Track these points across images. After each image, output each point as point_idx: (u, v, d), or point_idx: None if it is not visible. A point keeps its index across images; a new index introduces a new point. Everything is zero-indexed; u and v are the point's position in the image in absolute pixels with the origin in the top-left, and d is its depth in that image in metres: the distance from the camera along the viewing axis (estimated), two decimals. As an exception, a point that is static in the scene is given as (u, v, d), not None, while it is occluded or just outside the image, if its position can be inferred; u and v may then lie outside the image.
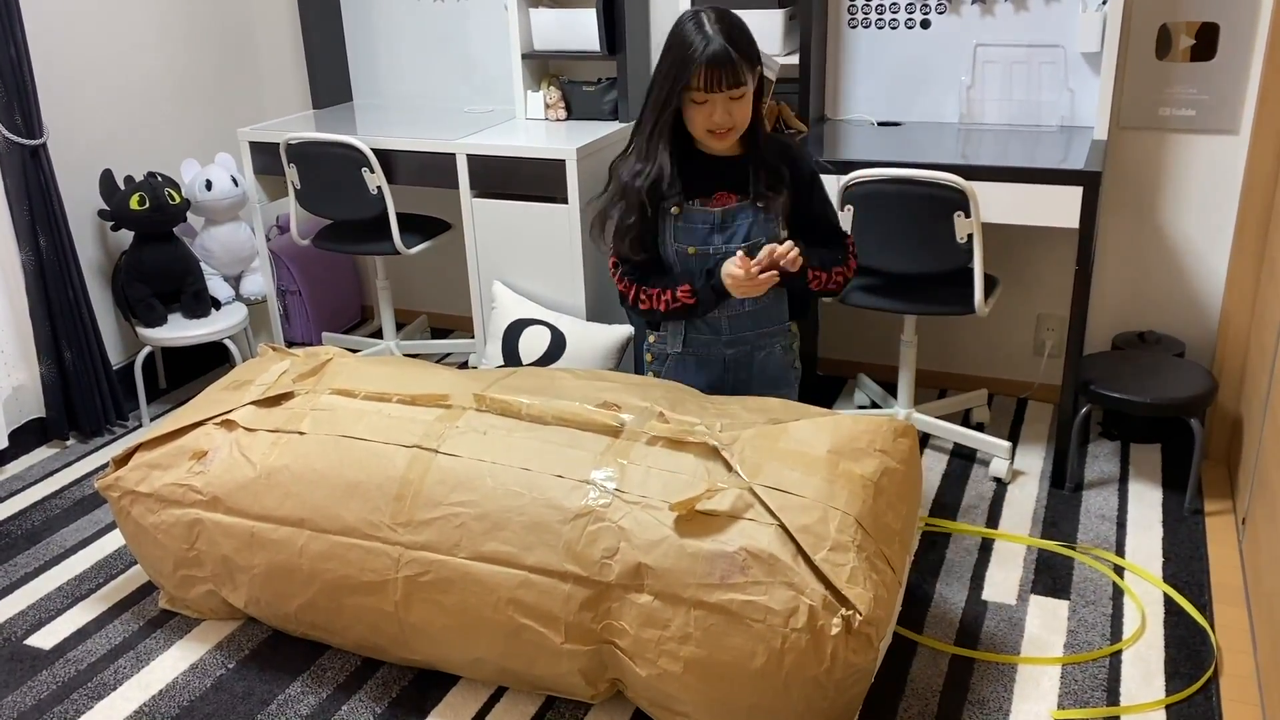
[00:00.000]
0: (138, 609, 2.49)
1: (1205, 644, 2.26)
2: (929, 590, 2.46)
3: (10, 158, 3.05)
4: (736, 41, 2.08)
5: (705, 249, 2.22)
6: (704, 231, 2.23)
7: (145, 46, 3.56)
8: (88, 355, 3.29)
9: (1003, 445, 2.93)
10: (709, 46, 2.06)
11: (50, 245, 3.15)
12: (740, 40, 2.09)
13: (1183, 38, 2.91)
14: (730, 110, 2.12)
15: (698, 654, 1.84)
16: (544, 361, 3.16)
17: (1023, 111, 3.08)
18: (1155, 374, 2.85)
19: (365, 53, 3.86)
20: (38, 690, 2.24)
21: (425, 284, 4.15)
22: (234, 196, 3.54)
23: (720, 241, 2.22)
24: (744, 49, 2.09)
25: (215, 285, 3.58)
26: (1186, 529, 2.68)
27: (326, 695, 2.19)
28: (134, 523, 2.35)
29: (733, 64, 2.07)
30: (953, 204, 2.63)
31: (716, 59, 2.06)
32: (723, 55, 2.06)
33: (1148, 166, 3.06)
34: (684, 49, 2.09)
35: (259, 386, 2.39)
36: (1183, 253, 3.11)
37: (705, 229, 2.23)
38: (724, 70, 2.06)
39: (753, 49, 2.13)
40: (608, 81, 3.46)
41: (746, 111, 2.15)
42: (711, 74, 2.07)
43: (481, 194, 3.29)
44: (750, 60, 2.11)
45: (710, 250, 2.22)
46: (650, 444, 2.03)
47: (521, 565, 1.96)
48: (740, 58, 2.08)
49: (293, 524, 2.14)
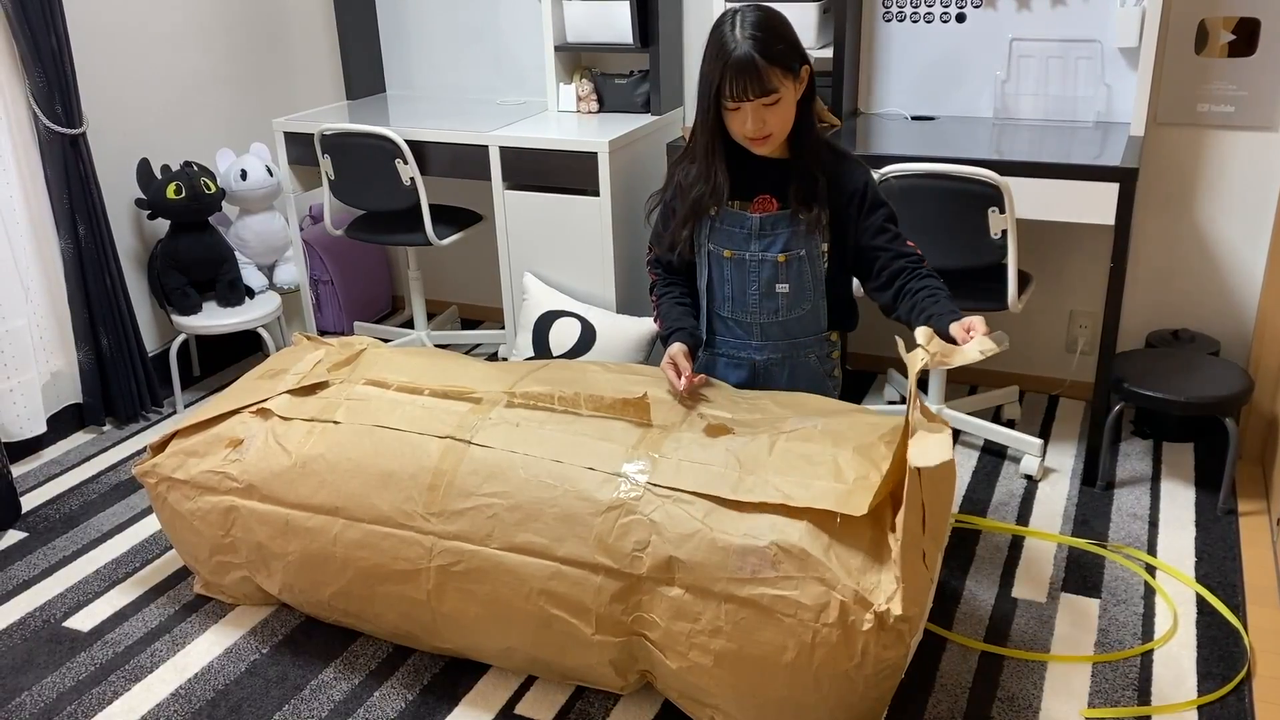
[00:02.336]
0: (173, 593, 2.53)
1: (1238, 645, 2.25)
2: (959, 587, 2.46)
3: (51, 147, 3.09)
4: (768, 45, 1.98)
5: (741, 254, 2.19)
6: (741, 236, 2.18)
7: (182, 37, 3.59)
8: (124, 342, 3.33)
9: (1034, 442, 2.92)
10: (736, 51, 1.98)
11: (89, 233, 3.19)
12: (771, 44, 1.99)
13: (1221, 32, 2.88)
14: (764, 117, 2.03)
15: (728, 647, 1.85)
16: (574, 353, 3.17)
17: (1058, 107, 3.06)
18: (1189, 372, 2.82)
19: (398, 44, 3.88)
20: (76, 671, 2.28)
21: (456, 275, 4.17)
22: (268, 186, 3.57)
23: (758, 249, 2.17)
24: (776, 54, 1.99)
25: (249, 274, 3.62)
26: (1220, 529, 2.66)
27: (359, 681, 2.21)
28: (170, 509, 2.38)
29: (758, 71, 1.97)
30: (987, 199, 2.62)
31: (742, 66, 1.97)
32: (747, 63, 1.97)
33: (1185, 163, 3.03)
34: (716, 53, 2.01)
35: (294, 375, 2.41)
36: (1219, 250, 3.08)
37: (743, 234, 2.18)
38: (750, 78, 1.98)
39: (788, 52, 2.02)
40: (640, 74, 3.46)
41: (784, 117, 2.06)
42: (737, 81, 1.98)
43: (513, 186, 3.30)
44: (785, 65, 2.00)
45: (746, 256, 2.18)
46: (681, 437, 2.04)
47: (553, 557, 1.97)
48: (770, 64, 1.98)
49: (327, 512, 2.16)
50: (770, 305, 2.22)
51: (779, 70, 2.00)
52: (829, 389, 2.33)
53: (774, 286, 2.20)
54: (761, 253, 2.17)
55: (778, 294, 2.21)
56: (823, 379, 2.33)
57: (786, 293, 2.20)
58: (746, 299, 2.23)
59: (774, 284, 2.20)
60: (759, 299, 2.22)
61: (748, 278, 2.21)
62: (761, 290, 2.21)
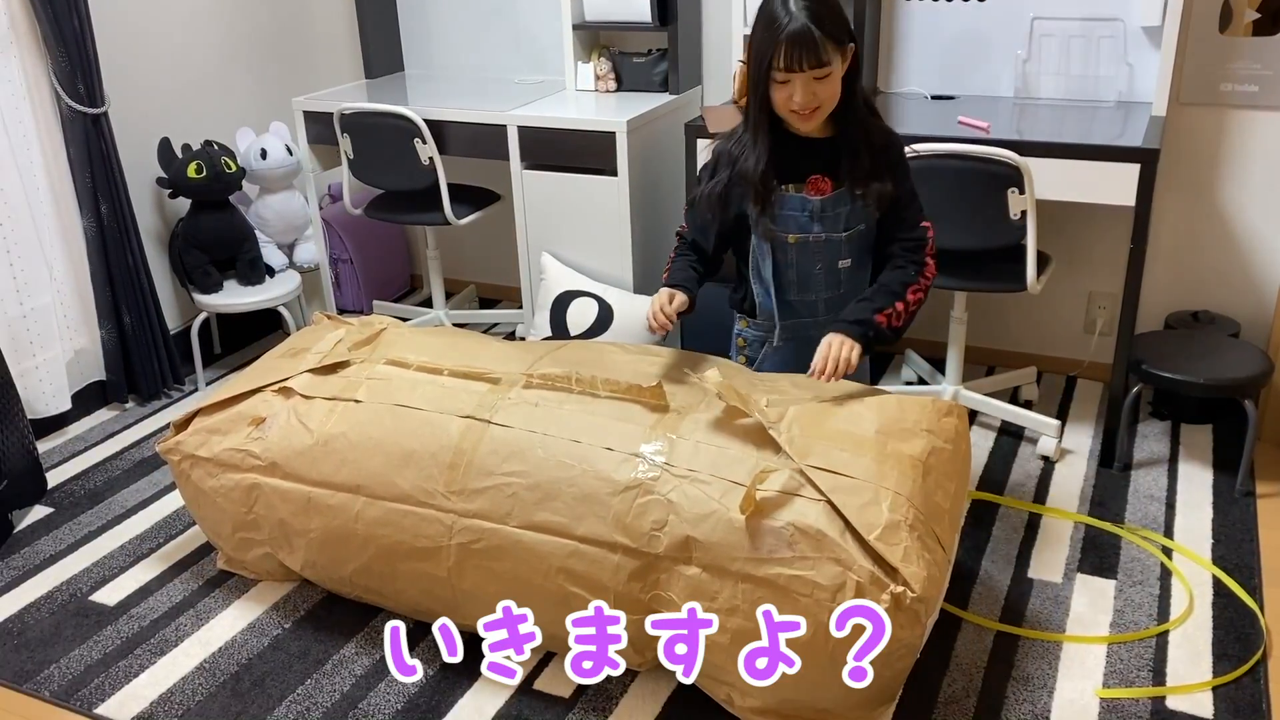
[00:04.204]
0: (197, 568, 2.57)
1: (1254, 626, 2.25)
2: (975, 567, 2.47)
3: (73, 126, 3.11)
4: (822, 18, 2.00)
5: (805, 236, 2.20)
6: (804, 219, 2.19)
7: (202, 17, 3.60)
8: (146, 320, 3.36)
9: (1051, 423, 2.92)
10: (791, 23, 1.99)
11: (111, 212, 3.21)
12: (826, 16, 2.01)
13: (1246, 11, 2.85)
14: (814, 90, 2.05)
15: (745, 626, 1.87)
16: (591, 333, 3.18)
17: (1079, 86, 3.04)
18: (1208, 354, 2.81)
19: (417, 23, 3.88)
20: (103, 645, 2.32)
21: (474, 254, 4.19)
22: (288, 165, 3.59)
23: (821, 230, 2.19)
24: (830, 27, 2.01)
25: (269, 253, 3.64)
26: (1238, 511, 2.65)
27: (379, 657, 2.25)
28: (194, 486, 2.41)
29: (814, 42, 1.99)
30: (1006, 180, 2.61)
31: (797, 37, 1.99)
32: (804, 33, 1.98)
33: (1207, 144, 3.01)
34: (767, 26, 2.03)
35: (315, 354, 2.43)
36: (1240, 232, 3.06)
37: (804, 217, 2.19)
38: (805, 49, 1.99)
39: (841, 26, 2.05)
40: (658, 53, 3.46)
41: (833, 91, 2.08)
42: (792, 52, 1.99)
43: (531, 165, 3.31)
44: (837, 39, 2.03)
45: (810, 238, 2.20)
46: (699, 419, 2.06)
47: (571, 535, 1.99)
48: (824, 36, 2.00)
49: (349, 490, 2.19)
50: (833, 280, 2.25)
51: (831, 43, 2.02)
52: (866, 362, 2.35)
53: (838, 263, 2.23)
54: (827, 234, 2.19)
55: (840, 270, 2.24)
56: None
57: (849, 266, 2.24)
58: (812, 279, 2.25)
59: (838, 260, 2.23)
60: (823, 277, 2.25)
61: (813, 259, 2.22)
62: (826, 268, 2.24)
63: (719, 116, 3.04)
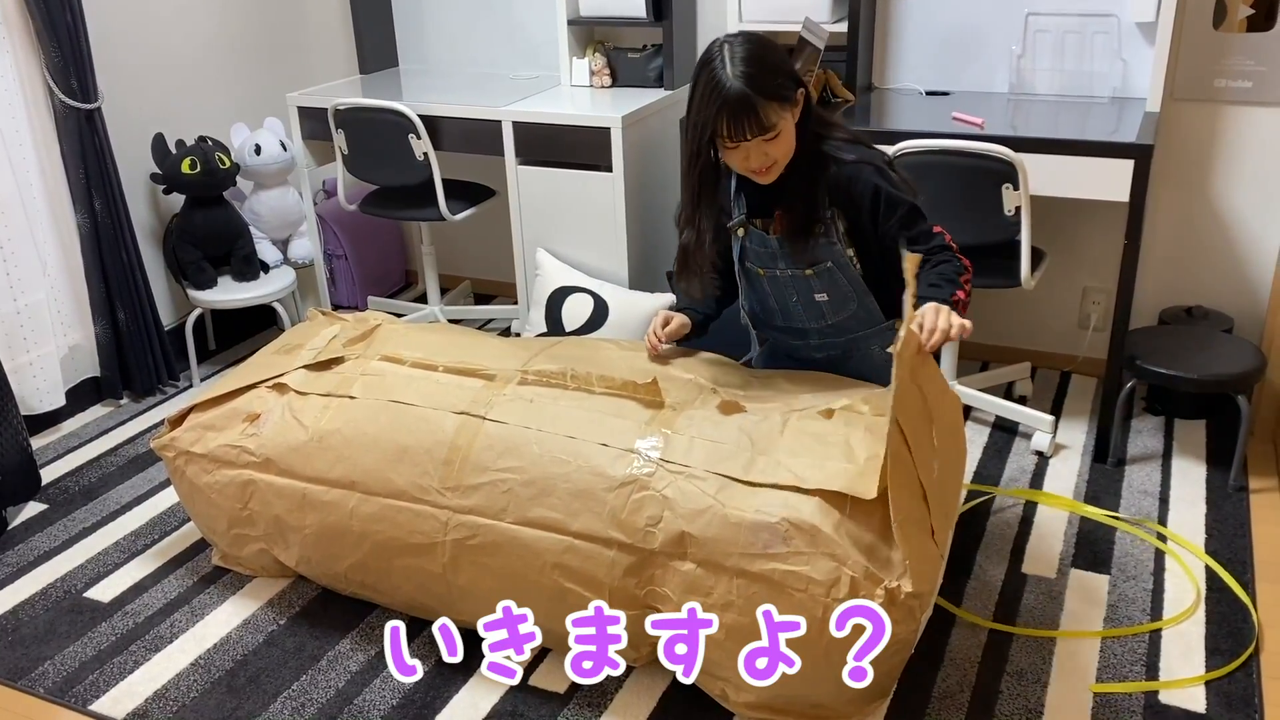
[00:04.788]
0: (192, 565, 2.57)
1: (1247, 621, 2.26)
2: (969, 562, 2.48)
3: (67, 122, 3.10)
4: (759, 80, 1.88)
5: (773, 271, 2.16)
6: (767, 255, 2.14)
7: (196, 12, 3.59)
8: (140, 316, 3.36)
9: (1045, 419, 2.93)
10: (730, 92, 1.87)
11: (105, 208, 3.21)
12: (766, 79, 1.89)
13: (1240, 7, 2.86)
14: (765, 150, 1.95)
15: (740, 621, 1.87)
16: (586, 329, 3.18)
17: (1074, 82, 3.04)
18: (1202, 349, 2.82)
19: (412, 18, 3.88)
20: (98, 641, 2.32)
21: (469, 250, 4.18)
22: (282, 161, 3.58)
23: (785, 266, 2.13)
24: (771, 88, 1.89)
25: (264, 249, 3.64)
26: (1231, 506, 2.66)
27: (374, 653, 2.25)
28: (188, 482, 2.41)
29: (756, 110, 1.88)
30: (1001, 176, 2.61)
31: (738, 106, 1.88)
32: (743, 102, 1.87)
33: (1201, 139, 3.02)
34: (706, 95, 1.91)
35: (310, 351, 2.43)
36: (1234, 227, 3.07)
37: (768, 253, 2.14)
38: (748, 118, 1.89)
39: (782, 82, 1.92)
40: (653, 48, 3.45)
41: (786, 146, 1.98)
42: (733, 123, 1.90)
43: (526, 161, 3.30)
44: (781, 97, 1.91)
45: (776, 273, 2.15)
46: (694, 415, 2.06)
47: (567, 531, 2.00)
48: (766, 99, 1.89)
49: (344, 486, 2.19)
50: (815, 312, 2.20)
51: (776, 104, 1.91)
52: None
53: (813, 296, 2.17)
54: (791, 269, 2.13)
55: (819, 303, 2.18)
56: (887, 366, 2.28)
57: (827, 300, 2.17)
58: (791, 310, 2.22)
59: (812, 294, 2.16)
60: (802, 309, 2.20)
61: (785, 291, 2.19)
62: (802, 301, 2.19)
63: (714, 112, 3.03)
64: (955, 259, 2.05)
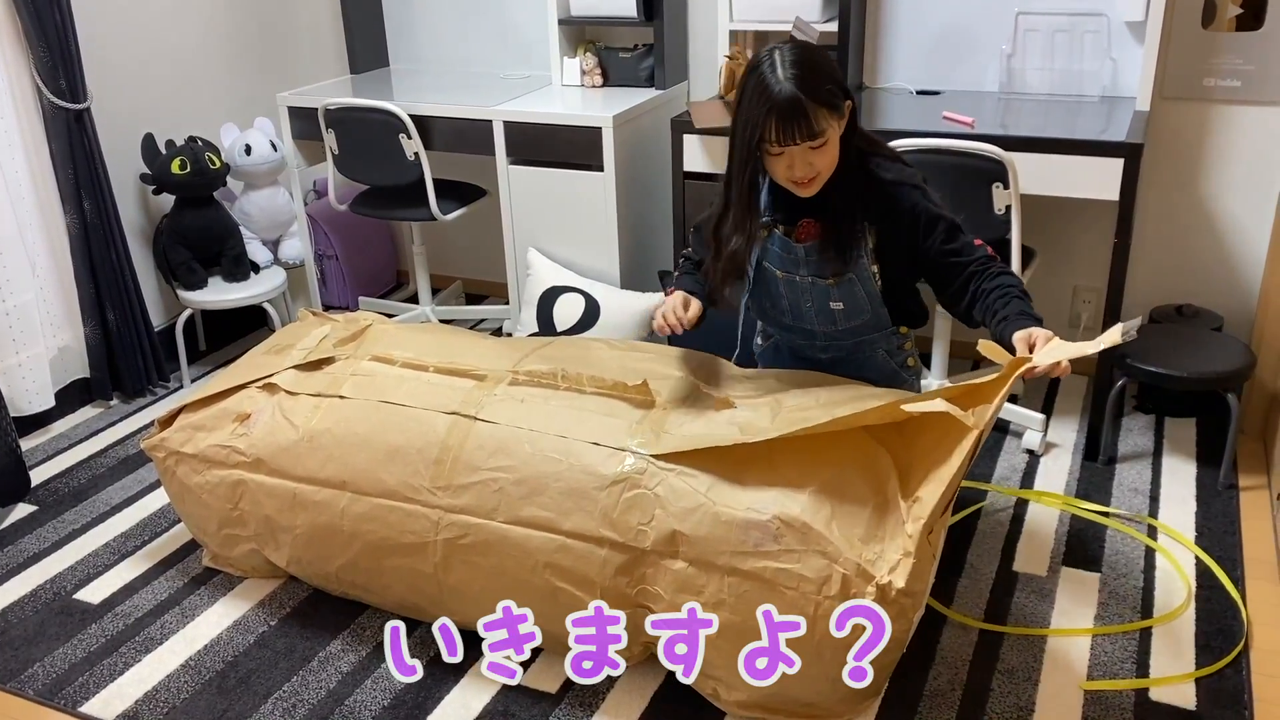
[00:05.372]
0: (182, 566, 2.56)
1: (1236, 618, 2.27)
2: (960, 561, 2.48)
3: (55, 122, 3.09)
4: (812, 86, 1.87)
5: (792, 276, 2.14)
6: (790, 260, 2.12)
7: (186, 12, 3.58)
8: (130, 317, 3.35)
9: (1036, 417, 2.93)
10: (780, 95, 1.86)
11: (94, 209, 3.20)
12: (817, 83, 1.88)
13: (1229, 6, 2.87)
14: (811, 160, 1.94)
15: (731, 619, 1.87)
16: (578, 329, 3.18)
17: (1064, 81, 3.05)
18: (1192, 348, 2.83)
19: (402, 17, 3.87)
20: (87, 643, 2.31)
21: (460, 250, 4.18)
22: (273, 161, 3.57)
23: (806, 273, 2.11)
24: (822, 94, 1.89)
25: (254, 249, 3.63)
26: (1221, 504, 2.67)
27: (366, 653, 2.24)
28: (179, 482, 2.40)
29: (807, 114, 1.87)
30: (991, 175, 2.62)
31: (789, 109, 1.87)
32: (795, 105, 1.86)
33: (1190, 138, 3.03)
34: (756, 96, 1.90)
35: (300, 351, 2.43)
36: (1223, 226, 3.08)
37: (792, 259, 2.11)
38: (798, 122, 1.87)
39: (834, 89, 1.92)
40: (644, 48, 3.45)
41: (830, 157, 1.96)
42: (783, 126, 1.88)
43: (518, 161, 3.30)
44: (831, 104, 1.91)
45: (796, 278, 2.13)
46: (685, 413, 2.06)
47: (559, 530, 1.99)
48: (817, 104, 1.88)
49: (334, 486, 2.18)
50: (827, 318, 2.18)
51: (825, 110, 1.90)
52: (902, 380, 2.27)
53: (829, 303, 2.15)
54: (812, 277, 2.11)
55: (833, 310, 2.17)
56: (894, 372, 2.27)
57: (841, 309, 2.16)
58: (803, 312, 2.20)
59: (828, 301, 2.15)
60: (815, 313, 2.19)
61: (801, 296, 2.17)
62: (816, 306, 2.17)
63: (705, 112, 3.04)
64: (1009, 275, 2.03)
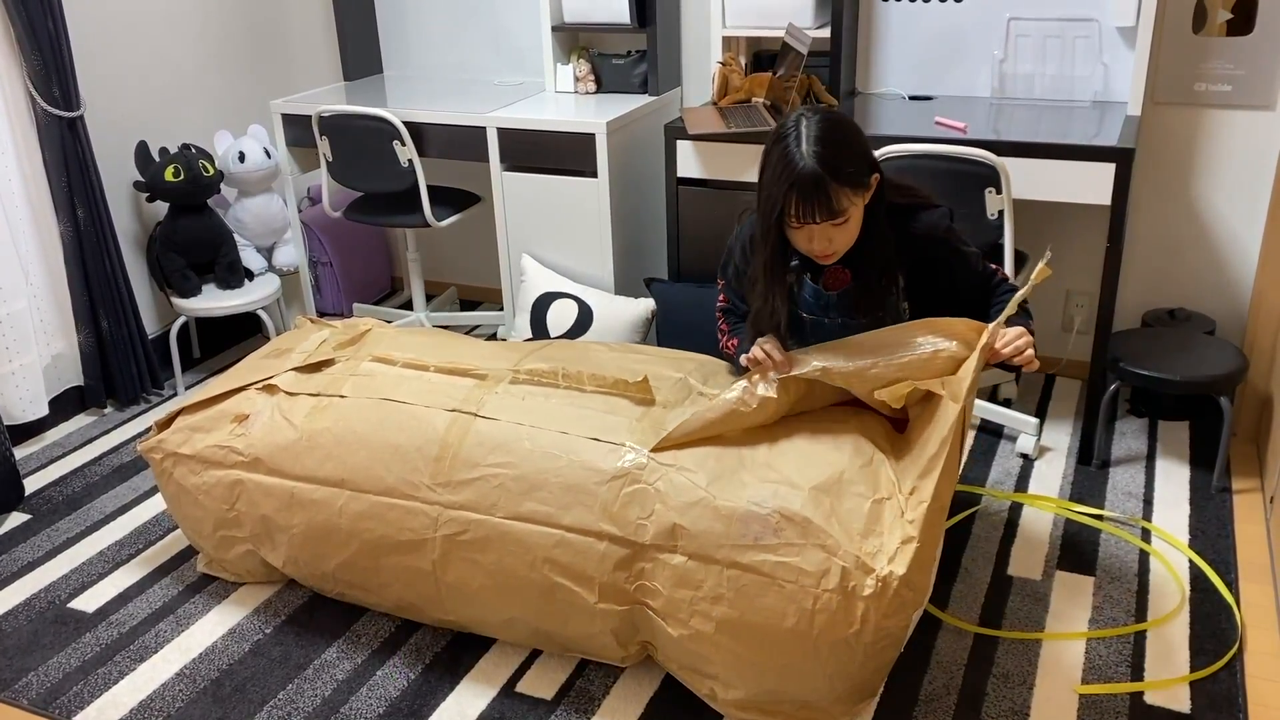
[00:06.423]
0: (177, 574, 2.55)
1: (1230, 621, 2.27)
2: (954, 565, 2.48)
3: (49, 130, 3.09)
4: (835, 164, 1.83)
5: (821, 319, 2.13)
6: (819, 306, 2.11)
7: (179, 19, 3.59)
8: (124, 325, 3.34)
9: (1030, 421, 2.94)
10: (802, 172, 1.82)
11: (88, 216, 3.19)
12: (841, 162, 1.84)
13: (1220, 11, 2.88)
14: (830, 236, 1.90)
15: (729, 614, 1.87)
16: (571, 334, 3.18)
17: (1056, 86, 3.06)
18: (1185, 351, 2.84)
19: (396, 24, 3.87)
20: (82, 652, 2.30)
21: (455, 256, 4.18)
22: (266, 168, 3.57)
23: (836, 315, 2.10)
24: (844, 174, 1.84)
25: (248, 256, 3.63)
26: (1214, 507, 2.68)
27: (362, 660, 2.24)
28: (175, 484, 2.40)
29: (827, 194, 1.83)
30: (984, 180, 2.63)
31: (810, 188, 1.82)
32: (817, 184, 1.82)
33: (1182, 142, 3.04)
34: (778, 171, 1.86)
35: (300, 353, 2.43)
36: (1215, 230, 3.09)
37: (820, 305, 2.11)
38: (818, 201, 1.83)
39: (858, 167, 1.87)
40: (638, 54, 3.46)
41: (851, 233, 1.93)
42: (804, 205, 1.84)
43: (511, 167, 3.31)
44: (855, 182, 1.86)
45: (825, 320, 2.12)
46: (685, 412, 2.07)
47: (558, 525, 2.00)
48: (839, 184, 1.83)
49: (333, 484, 2.18)
50: None
51: (848, 190, 1.86)
52: None
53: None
54: (843, 319, 2.09)
55: None
56: None
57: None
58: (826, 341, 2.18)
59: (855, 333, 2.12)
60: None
61: (830, 335, 2.13)
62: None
63: (698, 118, 3.05)
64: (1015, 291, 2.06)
